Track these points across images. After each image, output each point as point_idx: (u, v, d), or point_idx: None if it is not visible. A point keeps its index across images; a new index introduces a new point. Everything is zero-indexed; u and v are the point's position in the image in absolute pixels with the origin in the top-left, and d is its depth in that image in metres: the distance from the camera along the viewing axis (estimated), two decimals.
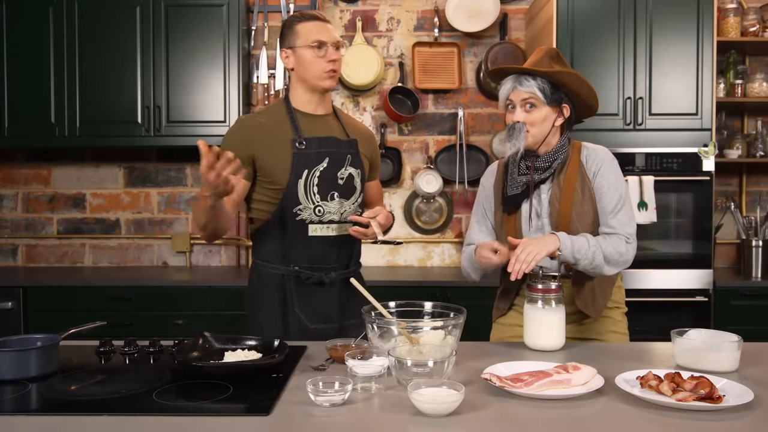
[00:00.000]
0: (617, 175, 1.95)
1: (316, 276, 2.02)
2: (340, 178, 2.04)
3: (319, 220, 2.01)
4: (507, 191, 1.99)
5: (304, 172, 1.98)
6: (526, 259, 1.74)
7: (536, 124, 1.91)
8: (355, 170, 2.07)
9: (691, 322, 3.19)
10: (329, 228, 2.03)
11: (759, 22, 3.52)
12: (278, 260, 2.02)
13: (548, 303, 1.78)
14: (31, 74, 3.55)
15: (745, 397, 1.35)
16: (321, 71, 2.00)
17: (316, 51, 1.99)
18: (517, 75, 1.92)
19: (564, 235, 1.81)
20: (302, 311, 2.02)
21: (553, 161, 1.94)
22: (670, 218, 3.35)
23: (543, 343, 1.78)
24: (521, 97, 1.91)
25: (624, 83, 3.31)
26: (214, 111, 3.54)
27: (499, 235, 2.02)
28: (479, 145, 3.89)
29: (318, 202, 2.00)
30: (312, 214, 2.00)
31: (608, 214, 1.91)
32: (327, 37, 2.01)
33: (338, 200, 2.03)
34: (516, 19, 3.91)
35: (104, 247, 3.99)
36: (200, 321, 1.84)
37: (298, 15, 2.04)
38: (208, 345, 1.72)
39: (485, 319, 2.14)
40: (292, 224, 2.00)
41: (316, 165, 2.00)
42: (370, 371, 1.49)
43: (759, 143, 3.64)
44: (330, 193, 2.02)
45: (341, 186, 2.04)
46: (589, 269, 1.85)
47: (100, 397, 1.42)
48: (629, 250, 1.88)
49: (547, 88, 1.90)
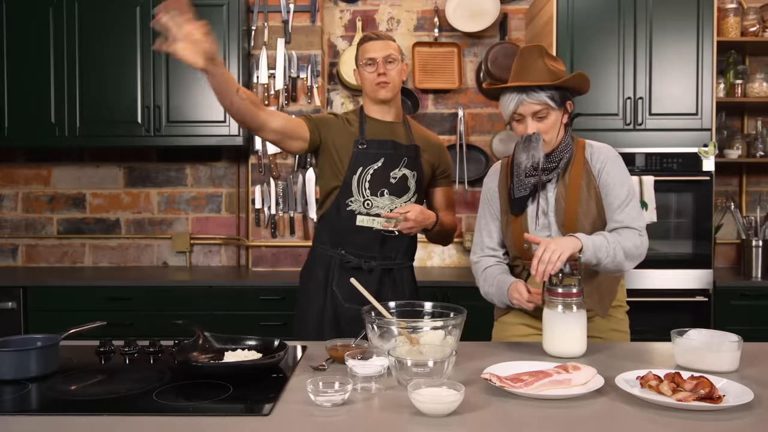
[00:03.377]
0: (623, 171, 1.94)
1: (355, 261, 2.23)
2: (393, 177, 2.25)
3: (367, 213, 2.23)
4: (514, 193, 1.98)
5: (359, 169, 2.22)
6: (551, 259, 1.68)
7: (550, 131, 1.90)
8: (410, 172, 2.27)
9: (691, 322, 3.19)
10: (375, 221, 2.23)
11: (759, 22, 3.52)
12: (329, 243, 2.27)
13: (569, 308, 1.71)
14: (31, 74, 3.55)
15: (745, 397, 1.35)
16: (372, 83, 2.24)
17: (368, 68, 2.24)
18: (520, 90, 1.88)
19: (584, 236, 1.78)
20: (339, 289, 2.23)
21: (559, 161, 1.93)
22: (670, 218, 3.35)
23: (563, 350, 1.72)
24: (532, 110, 1.87)
25: (624, 83, 3.30)
26: (214, 111, 3.54)
27: (506, 236, 2.02)
28: (479, 145, 3.89)
29: (368, 197, 2.23)
30: (361, 206, 2.23)
31: (616, 210, 1.90)
32: (377, 54, 2.22)
33: (388, 197, 2.24)
34: (516, 19, 3.90)
35: (104, 247, 3.99)
36: (200, 321, 1.83)
37: (364, 37, 2.30)
38: (208, 345, 1.72)
39: (485, 319, 2.14)
40: (344, 213, 2.24)
41: (371, 164, 2.23)
42: (370, 371, 1.49)
43: (759, 143, 3.64)
44: (380, 190, 2.24)
45: (393, 184, 2.25)
46: (610, 267, 1.83)
47: (100, 397, 1.42)
48: (643, 242, 1.87)
49: (556, 94, 1.89)
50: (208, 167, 3.96)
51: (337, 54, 3.90)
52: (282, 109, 3.70)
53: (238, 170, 3.92)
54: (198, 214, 3.97)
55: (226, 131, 3.55)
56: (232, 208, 3.96)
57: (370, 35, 2.28)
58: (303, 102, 3.73)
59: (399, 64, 2.26)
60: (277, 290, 3.31)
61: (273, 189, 3.71)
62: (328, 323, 2.22)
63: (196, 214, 3.96)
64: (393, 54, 2.24)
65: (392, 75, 2.23)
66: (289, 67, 3.72)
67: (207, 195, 3.97)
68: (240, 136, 3.55)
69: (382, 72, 2.21)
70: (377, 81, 2.22)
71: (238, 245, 3.95)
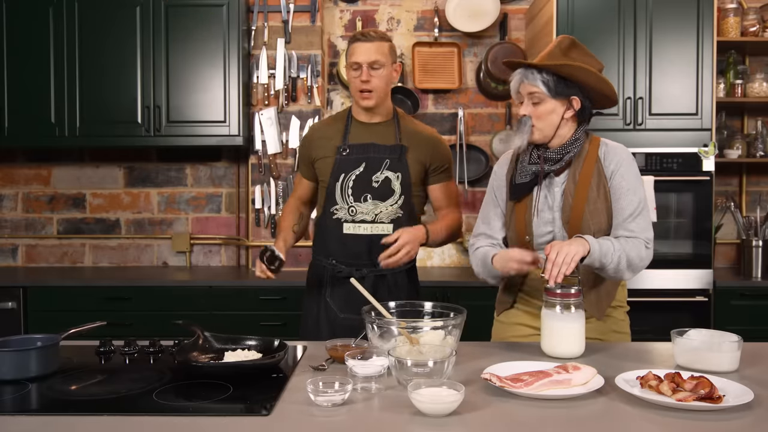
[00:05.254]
0: (637, 177, 1.91)
1: (346, 270, 2.20)
2: (375, 181, 2.20)
3: (352, 220, 2.20)
4: (516, 179, 1.96)
5: (341, 176, 2.21)
6: (564, 261, 1.68)
7: (542, 118, 1.88)
8: (393, 174, 2.21)
9: (691, 322, 3.19)
10: (361, 227, 2.20)
11: (759, 22, 3.52)
12: (322, 253, 2.27)
13: (567, 308, 1.70)
14: (31, 74, 3.55)
15: (745, 397, 1.35)
16: (356, 90, 2.20)
17: (353, 72, 2.18)
18: (525, 68, 1.90)
19: (592, 239, 1.77)
20: (333, 300, 2.23)
21: (565, 153, 1.91)
22: (670, 218, 3.35)
23: (561, 351, 1.71)
24: (528, 91, 1.89)
25: (624, 83, 3.30)
26: (214, 111, 3.54)
27: (509, 225, 2.00)
28: (479, 145, 3.89)
29: (351, 203, 2.20)
30: (346, 213, 2.21)
31: (627, 218, 1.87)
32: (363, 58, 2.15)
33: (372, 202, 2.20)
34: (516, 19, 3.90)
35: (104, 247, 3.99)
36: (200, 321, 1.84)
37: (355, 35, 2.22)
38: (208, 345, 1.72)
39: (485, 319, 2.14)
40: (331, 222, 2.23)
41: (353, 169, 2.20)
42: (370, 371, 1.49)
43: (759, 143, 3.64)
44: (363, 195, 2.20)
45: (376, 189, 2.20)
46: (610, 274, 1.82)
47: (100, 397, 1.42)
48: (648, 255, 1.86)
49: (552, 81, 1.86)
50: (208, 167, 3.96)
51: (337, 54, 3.89)
52: (282, 109, 3.70)
53: (238, 170, 3.92)
54: (198, 214, 3.97)
55: (226, 131, 3.55)
56: (232, 208, 3.96)
57: (359, 35, 2.19)
58: (303, 102, 3.73)
59: (387, 68, 2.17)
60: (277, 290, 3.31)
61: (273, 189, 3.71)
62: (325, 335, 2.14)
63: (196, 214, 3.96)
64: (380, 60, 2.15)
65: (375, 83, 2.15)
66: (289, 67, 3.72)
67: (207, 195, 3.97)
68: (240, 136, 3.55)
69: (365, 80, 2.14)
70: (360, 88, 2.17)
71: (238, 245, 3.95)
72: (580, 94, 1.90)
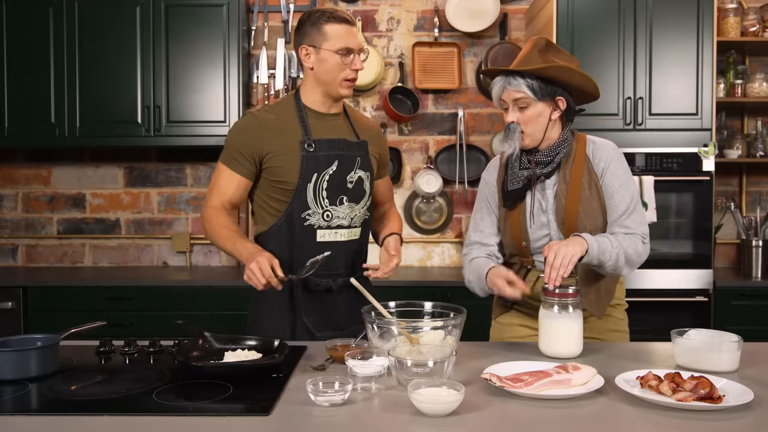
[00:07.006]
0: (627, 172, 1.92)
1: (324, 283, 1.97)
2: (349, 181, 1.98)
3: (327, 225, 1.96)
4: (507, 186, 1.95)
5: (313, 176, 1.93)
6: (562, 264, 1.67)
7: (530, 122, 1.87)
8: (364, 173, 2.02)
9: (691, 322, 3.19)
10: (338, 233, 1.98)
11: (759, 22, 3.52)
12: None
13: (565, 308, 1.70)
14: (31, 74, 3.55)
15: (745, 397, 1.35)
16: (342, 79, 1.94)
17: (342, 58, 1.91)
18: (506, 75, 1.88)
19: (589, 237, 1.76)
20: (309, 318, 1.97)
21: (555, 155, 1.91)
22: (670, 218, 3.35)
23: (559, 351, 1.70)
24: (512, 97, 1.87)
25: (624, 83, 3.30)
26: (214, 111, 3.54)
27: (503, 232, 2.00)
28: (479, 145, 3.89)
29: (327, 207, 1.95)
30: (320, 219, 1.95)
31: (622, 215, 1.87)
32: (354, 44, 1.93)
33: (348, 204, 1.98)
34: (516, 19, 3.90)
35: (104, 247, 3.99)
36: (200, 321, 1.83)
37: (328, 13, 1.92)
38: (208, 345, 1.72)
39: (485, 319, 2.14)
40: (301, 230, 1.94)
41: (325, 168, 1.94)
42: (370, 371, 1.49)
43: (759, 143, 3.64)
44: (339, 198, 1.96)
45: (350, 190, 1.99)
46: (609, 270, 1.82)
47: (100, 397, 1.42)
48: (645, 250, 1.86)
49: (536, 84, 1.85)
50: (208, 167, 3.96)
51: None
52: None
53: None
54: (198, 214, 3.96)
55: (226, 131, 3.53)
56: None
57: (344, 16, 1.93)
58: None
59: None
60: None
61: None
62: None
63: (196, 214, 3.95)
64: (365, 47, 2.00)
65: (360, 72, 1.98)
66: (289, 67, 3.72)
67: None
68: None
69: (359, 68, 1.94)
70: (351, 77, 1.94)
71: None
72: (565, 94, 1.90)
